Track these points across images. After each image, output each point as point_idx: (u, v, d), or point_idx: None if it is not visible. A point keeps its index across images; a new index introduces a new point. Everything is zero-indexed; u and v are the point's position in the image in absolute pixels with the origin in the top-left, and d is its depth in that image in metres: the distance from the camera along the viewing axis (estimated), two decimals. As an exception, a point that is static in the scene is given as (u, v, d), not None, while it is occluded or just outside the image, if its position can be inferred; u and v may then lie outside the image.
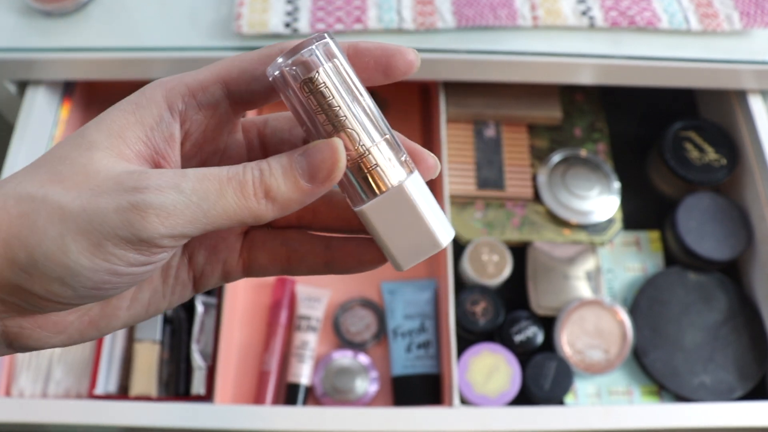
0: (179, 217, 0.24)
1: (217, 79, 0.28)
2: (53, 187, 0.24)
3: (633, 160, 0.82)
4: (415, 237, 0.28)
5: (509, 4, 0.70)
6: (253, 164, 0.26)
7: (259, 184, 0.25)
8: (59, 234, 0.24)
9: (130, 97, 0.27)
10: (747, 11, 0.71)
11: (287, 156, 0.26)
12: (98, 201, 0.24)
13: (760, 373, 0.69)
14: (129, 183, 0.24)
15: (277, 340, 0.72)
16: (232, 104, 0.28)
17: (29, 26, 0.70)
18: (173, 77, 0.28)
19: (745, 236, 0.73)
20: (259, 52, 0.28)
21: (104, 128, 0.26)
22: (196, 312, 0.70)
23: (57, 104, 0.76)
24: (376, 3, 0.70)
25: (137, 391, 0.66)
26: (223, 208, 0.25)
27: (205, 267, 0.31)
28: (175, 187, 0.24)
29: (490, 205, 0.77)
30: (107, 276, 0.25)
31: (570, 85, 0.82)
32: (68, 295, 0.25)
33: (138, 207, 0.24)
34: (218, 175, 0.25)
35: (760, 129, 0.73)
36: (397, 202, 0.27)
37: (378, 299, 0.76)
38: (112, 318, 0.29)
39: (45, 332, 0.27)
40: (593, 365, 0.70)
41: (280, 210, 0.26)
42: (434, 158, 0.29)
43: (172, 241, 0.25)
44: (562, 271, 0.74)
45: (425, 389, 0.70)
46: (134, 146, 0.26)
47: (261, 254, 0.31)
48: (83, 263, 0.24)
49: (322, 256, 0.31)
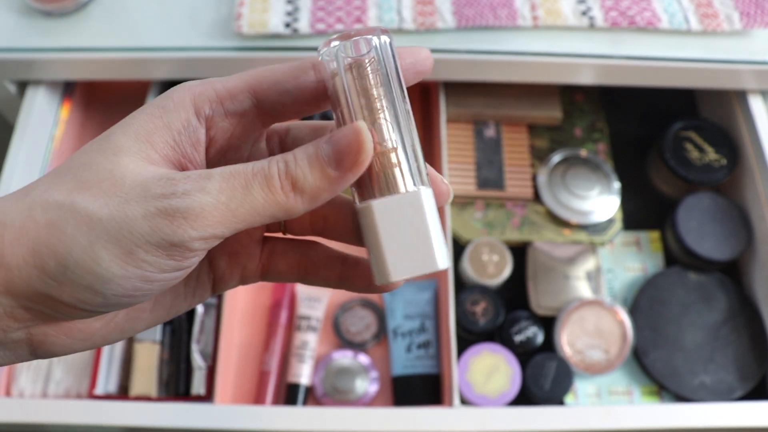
0: (208, 218, 0.24)
1: (247, 88, 0.27)
2: (80, 194, 0.24)
3: (633, 160, 0.82)
4: (414, 249, 0.26)
5: (509, 4, 0.70)
6: (278, 157, 0.25)
7: (285, 176, 0.25)
8: (89, 242, 0.23)
9: (157, 101, 0.27)
10: (747, 11, 0.71)
11: (313, 145, 0.26)
12: (127, 208, 0.24)
13: (760, 373, 0.69)
14: (156, 189, 0.24)
15: (277, 340, 0.72)
16: (260, 115, 0.28)
17: (29, 26, 0.70)
18: (202, 81, 0.27)
19: (745, 236, 0.73)
20: (291, 66, 0.28)
21: (131, 132, 0.26)
22: (196, 312, 0.70)
23: (57, 104, 0.76)
24: (376, 3, 0.70)
25: (137, 391, 0.66)
26: (251, 205, 0.24)
27: (225, 271, 0.31)
28: (201, 189, 0.24)
29: (490, 205, 0.77)
30: (139, 283, 0.24)
31: (570, 85, 0.82)
32: (98, 303, 0.25)
33: (166, 212, 0.24)
34: (243, 172, 0.25)
35: (760, 129, 0.73)
36: (408, 207, 0.26)
37: (378, 299, 0.76)
38: (136, 321, 0.29)
39: (69, 339, 0.27)
40: (593, 365, 0.70)
41: (309, 201, 0.25)
42: (447, 185, 0.29)
43: (203, 243, 0.24)
44: (562, 271, 0.74)
45: (425, 389, 0.70)
46: (162, 150, 0.26)
47: (280, 262, 0.32)
48: (115, 271, 0.24)
49: (338, 271, 0.31)
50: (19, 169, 0.69)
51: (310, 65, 0.28)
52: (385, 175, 0.26)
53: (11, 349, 0.26)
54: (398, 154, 0.26)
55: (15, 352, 0.26)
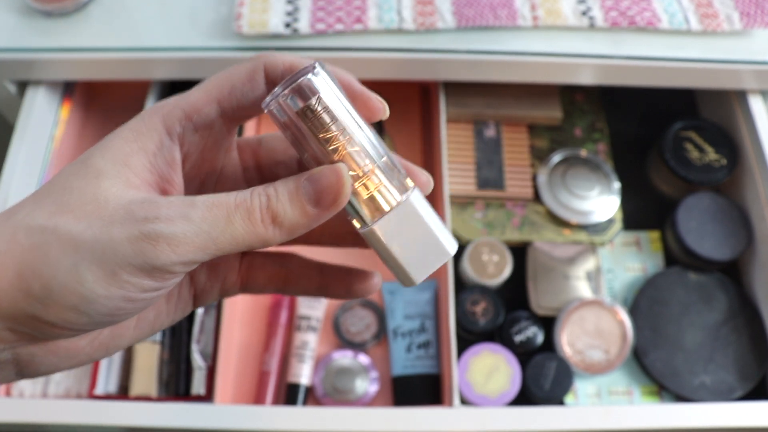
0: (190, 245, 0.25)
1: (210, 99, 0.28)
2: (63, 217, 0.25)
3: (633, 160, 0.82)
4: (424, 249, 0.28)
5: (509, 4, 0.70)
6: (260, 190, 0.26)
7: (266, 210, 0.26)
8: (73, 264, 0.24)
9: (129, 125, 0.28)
10: (747, 11, 0.71)
11: (294, 181, 0.27)
12: (110, 231, 0.24)
13: (760, 373, 0.69)
14: (140, 213, 0.25)
15: (277, 340, 0.72)
16: (225, 122, 0.29)
17: (29, 26, 0.70)
18: (167, 101, 0.28)
19: (745, 236, 0.73)
20: (246, 68, 0.28)
21: (109, 157, 0.26)
22: (196, 312, 0.70)
23: (57, 104, 0.76)
24: (376, 3, 0.70)
25: (137, 391, 0.66)
26: (231, 235, 0.25)
27: (206, 285, 0.32)
28: (184, 217, 0.25)
29: (490, 205, 0.77)
30: (122, 303, 0.25)
31: (570, 85, 0.82)
32: (83, 322, 0.25)
33: (150, 236, 0.24)
34: (226, 203, 0.26)
35: (760, 129, 0.73)
36: (404, 217, 0.28)
37: (378, 299, 0.76)
38: (121, 338, 0.30)
39: (56, 357, 0.27)
40: (593, 365, 0.70)
41: (287, 234, 0.27)
42: (427, 175, 0.30)
43: (183, 267, 0.25)
44: (562, 271, 0.74)
45: (425, 389, 0.70)
46: (140, 174, 0.27)
47: (259, 274, 0.33)
48: (99, 291, 0.24)
49: (316, 280, 0.32)
50: (19, 169, 0.69)
51: (261, 65, 0.28)
52: (371, 198, 0.28)
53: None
54: (377, 175, 0.28)
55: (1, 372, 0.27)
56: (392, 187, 0.28)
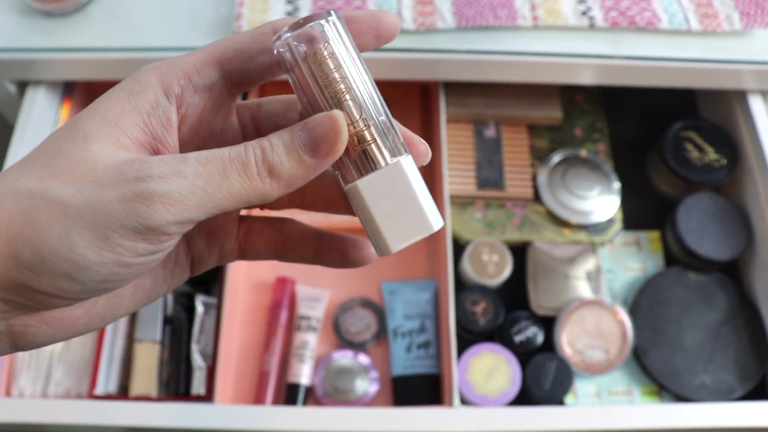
0: (185, 202, 0.24)
1: (212, 60, 0.27)
2: (52, 181, 0.24)
3: (633, 160, 0.82)
4: (407, 217, 0.27)
5: (509, 4, 0.70)
6: (254, 143, 0.26)
7: (262, 162, 0.25)
8: (64, 229, 0.23)
9: (124, 83, 0.27)
10: (747, 11, 0.71)
11: (288, 131, 0.26)
12: (101, 193, 0.24)
13: (760, 373, 0.69)
14: (131, 173, 0.24)
15: (277, 340, 0.72)
16: (227, 85, 0.28)
17: (29, 26, 0.70)
18: (166, 61, 0.27)
19: (745, 236, 0.73)
20: (252, 32, 0.28)
21: (99, 117, 0.25)
22: (196, 312, 0.70)
23: (57, 104, 0.76)
24: (376, 3, 0.70)
25: (137, 391, 0.66)
26: (228, 190, 0.25)
27: (203, 251, 0.31)
28: (177, 173, 0.24)
29: (490, 205, 0.77)
30: (116, 268, 0.24)
31: (570, 85, 0.82)
32: (76, 290, 0.24)
33: (143, 196, 0.23)
34: (220, 157, 0.25)
35: (760, 129, 0.73)
36: (392, 179, 0.27)
37: (378, 299, 0.76)
38: (117, 307, 0.29)
39: (51, 329, 0.27)
40: (593, 365, 0.70)
41: (285, 187, 0.26)
42: (425, 145, 0.29)
43: (179, 227, 0.25)
44: (562, 271, 0.74)
45: (425, 389, 0.70)
46: (132, 134, 0.26)
47: (257, 239, 0.32)
48: (91, 257, 0.24)
49: (313, 247, 0.31)
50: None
51: (270, 30, 0.28)
52: (363, 153, 0.27)
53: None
54: (371, 131, 0.27)
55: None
56: (385, 147, 0.27)
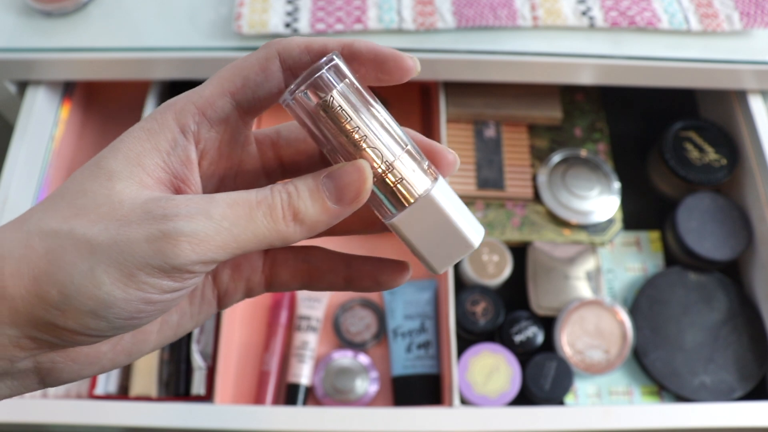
0: (210, 243, 0.24)
1: (224, 92, 0.27)
2: (78, 220, 0.24)
3: (633, 160, 0.82)
4: (447, 241, 0.28)
5: (509, 4, 0.70)
6: (280, 187, 0.26)
7: (288, 207, 0.26)
8: (89, 267, 0.23)
9: (142, 124, 0.27)
10: (747, 11, 0.71)
11: (313, 178, 0.26)
12: (128, 231, 0.24)
13: (760, 373, 0.69)
14: (158, 211, 0.24)
15: (277, 340, 0.72)
16: (241, 115, 0.28)
17: (29, 26, 0.70)
18: (180, 98, 0.28)
19: (745, 236, 0.73)
20: (258, 58, 0.28)
21: (121, 157, 0.26)
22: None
23: (57, 104, 0.76)
24: (376, 3, 0.70)
25: (137, 391, 0.66)
26: (253, 233, 0.25)
27: (229, 285, 0.31)
28: (204, 213, 0.24)
29: (490, 205, 0.77)
30: (141, 305, 0.25)
31: (570, 85, 0.82)
32: (102, 327, 0.25)
33: (170, 235, 0.24)
34: (247, 200, 0.25)
35: (760, 129, 0.73)
36: (426, 211, 0.28)
37: (378, 299, 0.76)
38: (144, 343, 0.29)
39: (77, 365, 0.27)
40: (593, 365, 0.70)
41: (308, 231, 0.26)
42: (453, 154, 0.29)
43: (203, 266, 0.25)
44: (562, 271, 0.74)
45: (425, 389, 0.70)
46: (154, 173, 0.26)
47: (283, 271, 0.32)
48: (117, 294, 0.24)
49: (343, 274, 0.31)
50: (19, 169, 0.69)
51: (275, 53, 0.28)
52: (392, 193, 0.28)
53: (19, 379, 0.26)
54: (398, 168, 0.27)
55: (23, 381, 0.26)
56: (415, 179, 0.27)
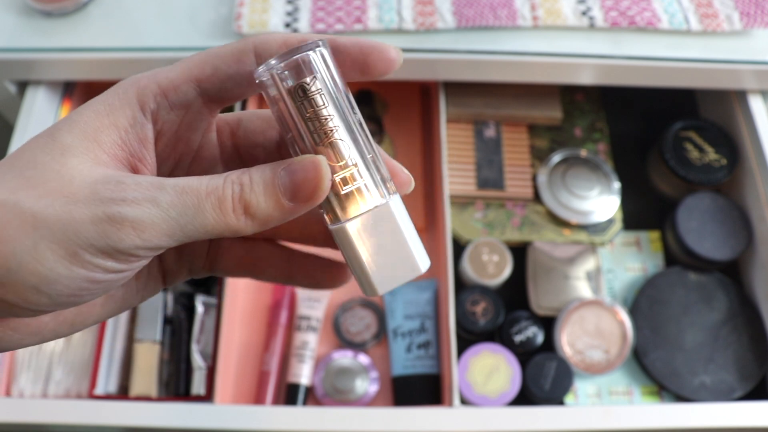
0: (156, 230, 0.24)
1: (190, 77, 0.27)
2: (25, 192, 0.23)
3: (633, 160, 0.82)
4: (395, 260, 0.27)
5: (509, 4, 0.70)
6: (234, 177, 0.25)
7: (239, 200, 0.25)
8: (33, 242, 0.23)
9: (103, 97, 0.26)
10: (747, 11, 0.71)
11: (271, 169, 0.25)
12: (73, 210, 0.23)
13: (760, 373, 0.69)
14: (105, 193, 0.24)
15: (277, 340, 0.72)
16: (205, 102, 0.28)
17: (29, 26, 0.70)
18: (146, 74, 0.27)
19: (745, 236, 0.73)
20: (232, 49, 0.27)
21: (77, 131, 0.25)
22: (196, 312, 0.70)
23: (57, 104, 0.76)
24: (376, 3, 0.70)
25: (137, 391, 0.66)
26: (200, 223, 0.24)
27: (173, 266, 0.31)
28: (152, 200, 0.24)
29: (490, 205, 0.77)
30: (85, 283, 0.24)
31: (570, 85, 0.82)
32: (44, 303, 0.24)
33: (114, 219, 0.23)
34: (197, 189, 0.24)
35: (760, 129, 0.73)
36: (380, 221, 0.26)
37: (378, 299, 0.76)
38: (87, 315, 0.29)
39: (18, 334, 0.26)
40: (593, 365, 0.70)
41: (260, 226, 0.26)
42: (407, 174, 0.29)
43: (148, 252, 0.24)
44: (562, 271, 0.74)
45: (425, 389, 0.70)
46: (110, 150, 0.25)
47: (226, 258, 0.32)
48: (60, 271, 0.23)
49: (284, 269, 0.31)
50: None
51: (251, 47, 0.27)
52: (351, 194, 0.26)
53: None
54: (359, 170, 0.26)
55: None
56: (373, 187, 0.26)
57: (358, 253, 0.26)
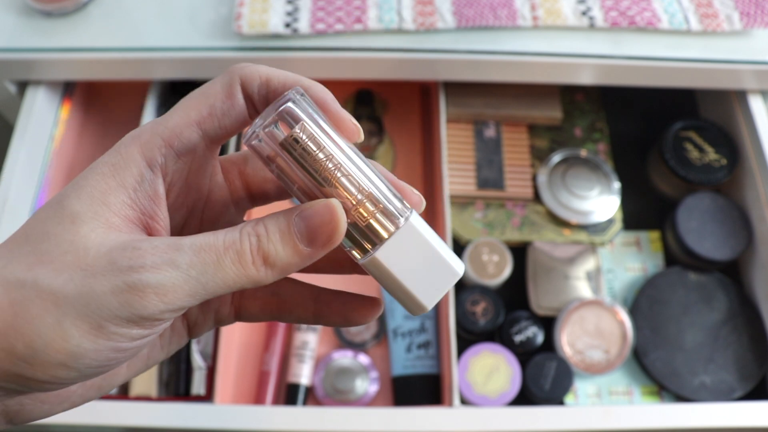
0: (178, 292, 0.24)
1: (190, 121, 0.27)
2: (42, 269, 0.23)
3: (633, 160, 0.82)
4: (432, 272, 0.27)
5: (509, 4, 0.70)
6: (249, 229, 0.25)
7: (257, 251, 0.25)
8: (56, 320, 0.23)
9: (106, 158, 0.26)
10: (747, 11, 0.71)
11: (285, 217, 0.25)
12: (93, 283, 0.23)
13: (760, 373, 0.69)
14: (123, 262, 0.23)
15: (277, 340, 0.72)
16: (207, 143, 0.28)
17: (29, 26, 0.70)
18: (145, 128, 0.27)
19: (745, 236, 0.73)
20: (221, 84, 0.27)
21: (85, 196, 0.25)
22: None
23: (57, 104, 0.76)
24: (376, 3, 0.70)
25: (137, 391, 0.66)
26: (222, 279, 0.24)
27: (198, 317, 0.31)
28: (171, 263, 0.24)
29: (490, 205, 0.77)
30: (112, 353, 0.24)
31: (570, 85, 0.82)
32: (73, 377, 0.24)
33: (135, 287, 0.23)
34: (215, 246, 0.24)
35: (760, 129, 0.73)
36: (407, 241, 0.26)
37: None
38: (113, 377, 0.29)
39: (47, 405, 0.26)
40: (593, 365, 0.70)
41: (279, 274, 0.26)
42: (418, 195, 0.29)
43: (172, 314, 0.24)
44: (562, 271, 0.74)
45: (425, 389, 0.70)
46: (120, 212, 0.25)
47: (252, 304, 0.31)
48: (86, 346, 0.23)
49: (311, 309, 0.31)
50: (19, 169, 0.69)
51: (237, 79, 0.27)
52: (370, 226, 0.26)
53: None
54: (373, 199, 0.26)
55: None
56: (391, 210, 0.26)
57: (396, 278, 0.26)
